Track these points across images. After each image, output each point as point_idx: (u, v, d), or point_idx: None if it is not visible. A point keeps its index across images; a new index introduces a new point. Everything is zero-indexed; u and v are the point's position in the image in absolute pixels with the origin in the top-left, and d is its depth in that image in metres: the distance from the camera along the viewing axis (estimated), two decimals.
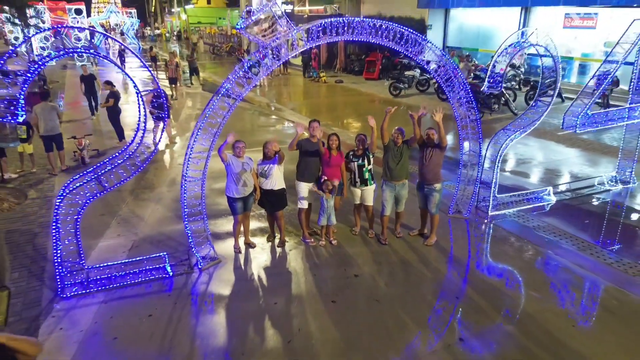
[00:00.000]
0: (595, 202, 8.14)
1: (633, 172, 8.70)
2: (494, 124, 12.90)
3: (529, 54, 19.52)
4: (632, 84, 8.34)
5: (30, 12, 26.80)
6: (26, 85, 4.56)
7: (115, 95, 10.84)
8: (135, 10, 65.46)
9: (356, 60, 24.19)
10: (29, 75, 4.59)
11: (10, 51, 4.85)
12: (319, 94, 20.51)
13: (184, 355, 4.44)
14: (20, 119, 4.60)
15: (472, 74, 16.29)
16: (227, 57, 35.66)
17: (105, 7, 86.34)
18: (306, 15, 26.02)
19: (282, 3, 29.85)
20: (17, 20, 21.52)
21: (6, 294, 4.74)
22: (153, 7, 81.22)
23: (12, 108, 4.53)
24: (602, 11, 16.55)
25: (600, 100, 13.89)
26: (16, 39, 33.64)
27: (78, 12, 31.63)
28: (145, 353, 4.46)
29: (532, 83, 15.18)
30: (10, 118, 4.57)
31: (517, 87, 16.40)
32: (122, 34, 47.66)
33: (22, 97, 4.54)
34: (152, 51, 28.07)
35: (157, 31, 55.13)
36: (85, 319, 4.90)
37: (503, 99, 14.52)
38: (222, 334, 4.75)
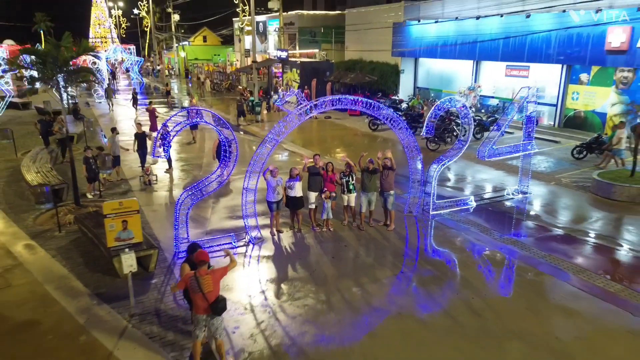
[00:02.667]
0: (500, 206, 12.36)
1: (529, 186, 12.98)
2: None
3: (481, 95, 24.22)
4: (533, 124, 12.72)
5: None
6: (172, 137, 8.63)
7: (169, 134, 14.88)
8: (135, 47, 69.95)
9: None
10: (172, 133, 8.67)
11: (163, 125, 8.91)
12: (311, 128, 24.73)
13: (256, 279, 8.42)
14: (168, 156, 8.65)
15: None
16: (226, 93, 40.01)
17: (101, 42, 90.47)
18: (299, 61, 30.48)
19: (277, 50, 34.48)
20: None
21: (156, 252, 8.68)
22: (147, 44, 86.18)
23: (164, 149, 8.59)
24: (532, 65, 21.26)
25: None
26: (32, 77, 37.46)
27: (96, 56, 35.75)
28: (234, 279, 8.40)
29: (476, 121, 19.60)
30: (163, 156, 8.61)
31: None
32: (127, 70, 51.81)
33: (170, 143, 8.60)
34: (167, 86, 32.20)
35: (158, 67, 59.41)
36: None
37: (455, 134, 18.89)
38: (273, 272, 8.74)
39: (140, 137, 14.64)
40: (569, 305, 7.67)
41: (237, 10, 37.76)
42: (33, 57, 11.01)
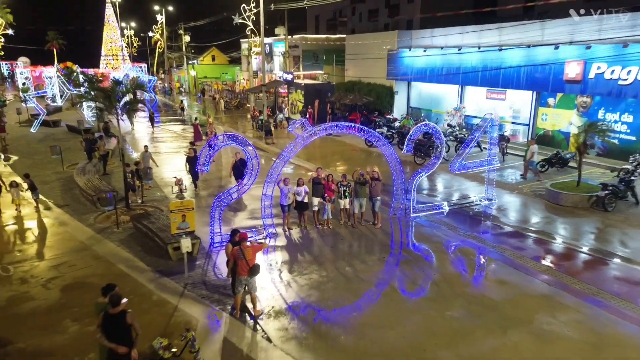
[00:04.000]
0: (468, 210, 15.17)
1: (494, 194, 15.79)
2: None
3: (466, 115, 27.12)
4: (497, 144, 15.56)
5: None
6: (213, 154, 11.53)
7: (195, 152, 17.80)
8: (145, 65, 73.42)
9: (342, 117, 31.58)
10: (213, 150, 11.57)
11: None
12: (314, 143, 27.42)
13: (274, 261, 11.23)
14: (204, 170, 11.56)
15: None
16: (235, 110, 43.12)
17: (112, 59, 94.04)
18: (303, 83, 33.53)
19: (283, 72, 37.61)
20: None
21: (198, 241, 11.52)
22: (155, 61, 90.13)
23: (205, 164, 11.49)
24: (508, 89, 24.19)
25: (502, 152, 21.18)
26: (99, 108, 41.18)
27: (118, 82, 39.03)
28: (258, 262, 11.21)
29: (459, 139, 22.46)
30: (203, 169, 11.51)
31: (452, 140, 23.70)
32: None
33: (210, 159, 11.48)
34: (181, 103, 35.28)
35: (168, 84, 62.74)
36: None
37: (439, 150, 21.71)
38: (286, 257, 11.56)
39: (192, 160, 16.64)
40: (503, 278, 10.47)
41: (248, 33, 41.02)
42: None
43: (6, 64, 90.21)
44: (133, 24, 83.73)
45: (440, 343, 8.13)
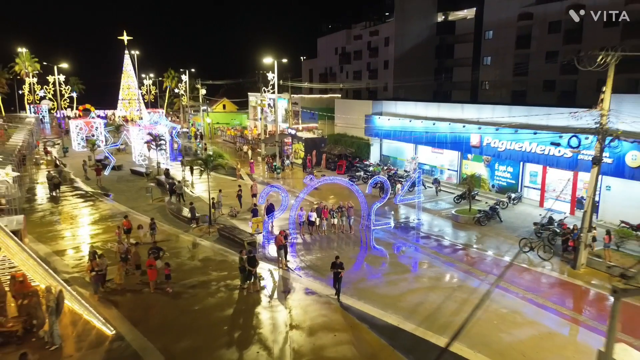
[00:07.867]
0: (406, 225, 26.16)
1: (421, 216, 26.80)
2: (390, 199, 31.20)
3: (419, 162, 38.51)
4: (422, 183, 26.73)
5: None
6: (267, 194, 22.54)
7: (241, 191, 28.71)
8: (164, 111, 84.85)
9: (332, 162, 42.77)
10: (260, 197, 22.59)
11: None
12: None
13: (297, 250, 22.12)
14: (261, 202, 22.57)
15: (386, 175, 34.72)
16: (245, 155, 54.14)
17: (129, 102, 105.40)
18: (304, 137, 44.89)
19: (288, 127, 49.17)
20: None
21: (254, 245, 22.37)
22: (165, 103, 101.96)
23: (261, 198, 22.48)
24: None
25: (436, 189, 32.37)
26: (201, 171, 51.36)
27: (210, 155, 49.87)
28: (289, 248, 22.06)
29: (412, 180, 33.60)
30: (261, 202, 22.48)
31: (406, 181, 34.83)
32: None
33: (266, 196, 22.47)
34: (205, 145, 46.13)
35: (185, 130, 73.80)
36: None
37: (396, 188, 32.83)
38: (302, 248, 22.43)
39: (254, 210, 26.33)
40: (412, 256, 21.46)
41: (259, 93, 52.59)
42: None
43: (33, 107, 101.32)
44: (151, 75, 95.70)
45: (374, 274, 19.05)
